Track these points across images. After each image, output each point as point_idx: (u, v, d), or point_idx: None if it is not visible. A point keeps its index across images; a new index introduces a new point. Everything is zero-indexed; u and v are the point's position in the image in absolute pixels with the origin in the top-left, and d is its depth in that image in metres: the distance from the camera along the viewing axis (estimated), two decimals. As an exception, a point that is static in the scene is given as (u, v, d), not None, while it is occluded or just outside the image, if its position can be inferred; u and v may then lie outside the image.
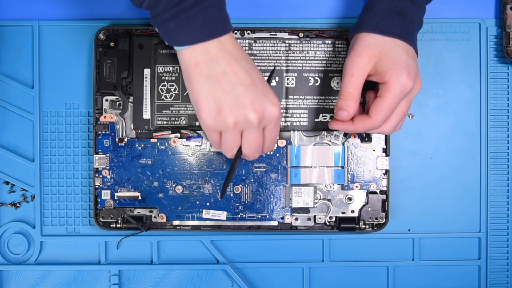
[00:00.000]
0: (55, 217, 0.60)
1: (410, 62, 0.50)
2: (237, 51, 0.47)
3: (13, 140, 0.60)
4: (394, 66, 0.49)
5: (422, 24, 0.53)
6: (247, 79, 0.46)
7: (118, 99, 0.58)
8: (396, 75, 0.49)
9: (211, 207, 0.59)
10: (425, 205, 0.61)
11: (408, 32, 0.50)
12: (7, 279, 0.60)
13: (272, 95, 0.48)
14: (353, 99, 0.50)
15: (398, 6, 0.50)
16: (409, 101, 0.51)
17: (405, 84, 0.49)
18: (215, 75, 0.46)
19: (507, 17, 0.60)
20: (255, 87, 0.47)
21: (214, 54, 0.46)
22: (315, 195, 0.59)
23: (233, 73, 0.46)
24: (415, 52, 0.51)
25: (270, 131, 0.49)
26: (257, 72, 0.48)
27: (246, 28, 0.58)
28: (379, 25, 0.50)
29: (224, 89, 0.46)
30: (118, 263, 0.60)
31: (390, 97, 0.49)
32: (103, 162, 0.58)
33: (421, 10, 0.52)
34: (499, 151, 0.61)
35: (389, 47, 0.50)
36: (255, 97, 0.46)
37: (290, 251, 0.61)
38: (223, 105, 0.46)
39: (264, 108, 0.47)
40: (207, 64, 0.46)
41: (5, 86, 0.60)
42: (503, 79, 0.61)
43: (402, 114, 0.52)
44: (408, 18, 0.50)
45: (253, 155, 0.50)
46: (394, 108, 0.50)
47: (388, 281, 0.61)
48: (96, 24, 0.59)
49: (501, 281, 0.61)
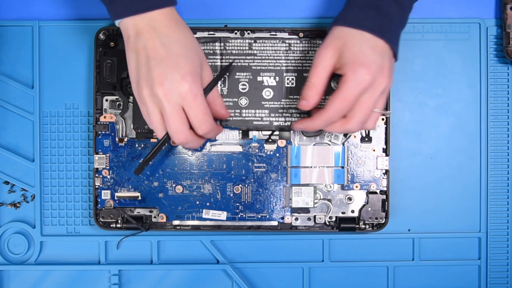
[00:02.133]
0: (55, 217, 0.60)
1: (373, 57, 0.48)
2: (164, 27, 0.48)
3: (13, 140, 0.60)
4: (354, 60, 0.48)
5: (404, 21, 0.52)
6: (161, 53, 0.48)
7: (118, 99, 0.58)
8: (353, 69, 0.48)
9: (211, 207, 0.59)
10: (425, 205, 0.61)
11: (381, 26, 0.49)
12: (7, 279, 0.60)
13: (186, 71, 0.47)
14: (315, 89, 0.50)
15: (373, 0, 0.50)
16: (373, 97, 0.49)
17: (362, 78, 0.48)
18: (137, 49, 0.48)
19: (507, 17, 0.60)
20: (167, 61, 0.47)
21: (140, 29, 0.48)
22: (315, 195, 0.59)
23: (151, 47, 0.48)
24: (386, 47, 0.50)
25: (188, 109, 0.48)
26: (181, 48, 0.48)
27: (246, 28, 0.58)
28: (350, 18, 0.50)
29: (141, 62, 0.48)
30: (118, 263, 0.60)
31: (344, 90, 0.49)
32: (103, 162, 0.58)
33: (400, 6, 0.50)
34: (499, 151, 0.61)
35: (354, 40, 0.49)
36: (163, 71, 0.47)
37: (290, 251, 0.61)
38: (140, 77, 0.48)
39: (171, 83, 0.47)
40: (134, 38, 0.49)
41: (5, 86, 0.60)
42: (503, 79, 0.61)
43: (366, 110, 0.50)
44: (383, 12, 0.49)
45: (177, 136, 0.49)
46: (350, 102, 0.49)
47: (388, 281, 0.61)
48: (96, 24, 0.59)
49: (501, 281, 0.61)
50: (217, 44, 0.58)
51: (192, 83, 0.48)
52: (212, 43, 0.57)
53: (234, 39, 0.58)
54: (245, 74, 0.58)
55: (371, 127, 0.52)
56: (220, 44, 0.58)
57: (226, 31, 0.58)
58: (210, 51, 0.58)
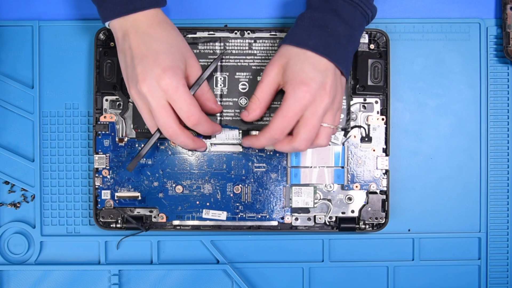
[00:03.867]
0: (55, 217, 0.60)
1: (313, 75, 0.49)
2: (146, 27, 0.50)
3: (13, 140, 0.60)
4: (294, 77, 0.49)
5: (354, 40, 0.52)
6: (142, 51, 0.49)
7: (118, 99, 0.58)
8: (293, 86, 0.49)
9: (211, 207, 0.59)
10: (425, 205, 0.61)
11: (326, 45, 0.50)
12: (7, 279, 0.60)
13: (165, 66, 0.48)
14: (257, 103, 0.52)
15: (319, 20, 0.50)
16: (316, 114, 0.49)
17: (301, 96, 0.49)
18: (124, 50, 0.51)
19: (507, 17, 0.60)
20: (147, 58, 0.49)
21: (125, 31, 0.51)
22: (315, 195, 0.59)
23: (134, 47, 0.50)
24: (330, 65, 0.50)
25: (173, 102, 0.49)
26: (161, 45, 0.50)
27: (246, 28, 0.58)
28: (295, 37, 0.51)
29: (127, 63, 0.50)
30: (118, 263, 0.60)
31: (284, 107, 0.49)
32: (103, 162, 0.58)
33: (347, 25, 0.51)
34: (499, 151, 0.61)
35: (296, 58, 0.50)
36: (144, 68, 0.49)
37: (290, 251, 0.61)
38: (128, 77, 0.50)
39: (152, 78, 0.48)
40: (122, 40, 0.51)
41: (5, 86, 0.60)
42: (503, 79, 0.61)
43: (311, 127, 0.50)
44: (329, 32, 0.50)
45: (166, 130, 0.50)
46: (291, 119, 0.49)
47: (388, 281, 0.61)
48: (96, 24, 0.59)
49: (501, 281, 0.61)
50: (217, 44, 0.58)
51: (172, 76, 0.48)
52: (212, 43, 0.57)
53: (234, 39, 0.58)
54: (245, 74, 0.58)
55: (323, 144, 0.52)
56: (220, 44, 0.58)
57: (226, 31, 0.58)
58: (210, 51, 0.58)
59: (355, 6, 0.51)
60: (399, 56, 0.60)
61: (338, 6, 0.50)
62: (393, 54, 0.60)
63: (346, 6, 0.50)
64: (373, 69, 0.58)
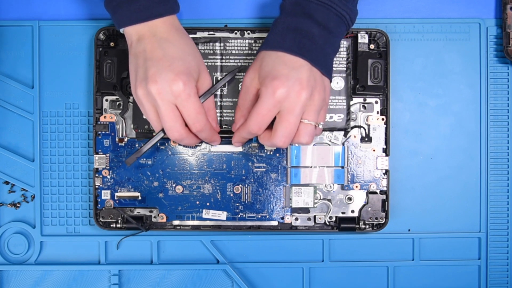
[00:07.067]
0: (55, 217, 0.60)
1: (285, 71, 0.49)
2: (164, 32, 0.50)
3: (13, 140, 0.60)
4: (266, 76, 0.49)
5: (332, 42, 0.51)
6: (158, 54, 0.49)
7: (118, 99, 0.58)
8: (266, 84, 0.49)
9: (211, 207, 0.59)
10: (425, 205, 0.61)
11: (301, 46, 0.49)
12: (7, 279, 0.60)
13: (180, 71, 0.49)
14: (240, 112, 0.53)
15: (292, 24, 0.50)
16: (293, 111, 0.49)
17: (272, 92, 0.48)
18: (137, 52, 0.50)
19: (507, 17, 0.60)
20: (163, 61, 0.49)
21: (141, 35, 0.51)
22: (315, 195, 0.59)
23: (149, 49, 0.50)
24: (304, 63, 0.49)
25: (182, 107, 0.50)
26: (178, 51, 0.50)
27: (246, 28, 0.58)
28: (270, 42, 0.51)
29: (139, 64, 0.50)
30: (118, 263, 0.60)
31: (259, 104, 0.49)
32: (103, 162, 0.58)
33: (322, 27, 0.50)
34: (499, 151, 0.61)
35: (268, 59, 0.50)
36: (157, 70, 0.49)
37: (290, 251, 0.61)
38: (137, 78, 0.50)
39: (164, 81, 0.48)
40: (136, 44, 0.51)
41: (5, 86, 0.60)
42: (503, 79, 0.61)
43: (288, 124, 0.49)
44: (303, 34, 0.50)
45: (171, 133, 0.51)
46: (265, 116, 0.49)
47: (388, 281, 0.61)
48: (96, 24, 0.59)
49: (501, 281, 0.61)
50: (217, 44, 0.58)
51: (186, 82, 0.49)
52: (212, 43, 0.57)
53: (234, 39, 0.58)
54: (245, 74, 0.58)
55: (304, 141, 0.51)
56: (220, 44, 0.58)
57: (226, 31, 0.58)
58: (210, 51, 0.58)
59: (329, 9, 0.50)
60: (399, 56, 0.60)
61: (310, 9, 0.50)
62: (393, 54, 0.60)
63: (319, 8, 0.50)
64: (373, 69, 0.58)
